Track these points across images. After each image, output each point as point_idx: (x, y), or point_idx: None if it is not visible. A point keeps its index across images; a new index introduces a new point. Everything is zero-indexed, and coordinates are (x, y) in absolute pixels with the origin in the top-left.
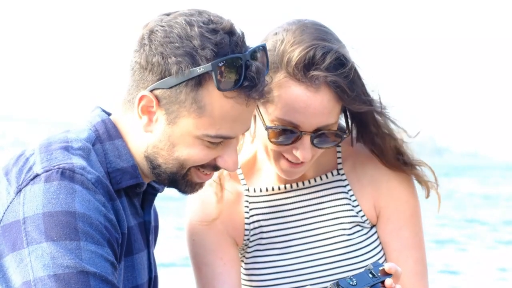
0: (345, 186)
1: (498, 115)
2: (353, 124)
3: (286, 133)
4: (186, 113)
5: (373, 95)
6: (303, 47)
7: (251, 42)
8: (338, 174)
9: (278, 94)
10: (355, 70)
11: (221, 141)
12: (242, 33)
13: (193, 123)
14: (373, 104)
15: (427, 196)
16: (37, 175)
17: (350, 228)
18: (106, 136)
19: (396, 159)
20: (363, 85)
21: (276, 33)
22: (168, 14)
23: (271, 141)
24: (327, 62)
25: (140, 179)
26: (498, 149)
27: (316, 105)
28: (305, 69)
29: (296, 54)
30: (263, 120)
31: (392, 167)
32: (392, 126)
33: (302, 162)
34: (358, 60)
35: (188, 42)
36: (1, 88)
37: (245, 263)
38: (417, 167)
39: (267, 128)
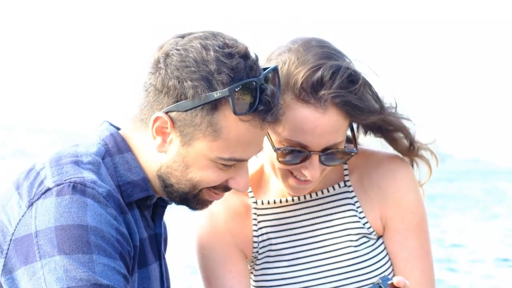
0: (351, 198)
1: (500, 120)
2: (359, 128)
3: (294, 153)
4: (201, 136)
5: (383, 100)
6: (308, 68)
7: (253, 44)
8: (345, 186)
9: (286, 116)
10: (365, 83)
11: (234, 164)
12: (256, 57)
13: (207, 146)
14: (382, 110)
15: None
16: (48, 189)
17: (357, 240)
18: (116, 150)
19: (409, 148)
20: (374, 94)
21: (279, 54)
22: (182, 37)
23: (279, 161)
24: (337, 82)
25: (150, 192)
26: (500, 154)
27: (324, 125)
28: (312, 90)
29: (301, 75)
30: (271, 141)
31: (406, 154)
32: (402, 121)
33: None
34: (365, 70)
35: (204, 66)
36: (1, 97)
37: (255, 275)
38: (423, 151)
39: (275, 150)
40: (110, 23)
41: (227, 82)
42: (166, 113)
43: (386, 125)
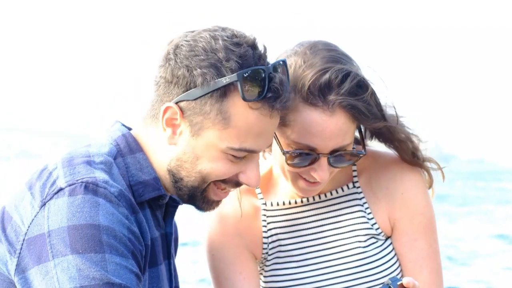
0: (360, 199)
1: (505, 121)
2: (366, 133)
3: (303, 156)
4: (211, 124)
5: (388, 109)
6: (316, 71)
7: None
8: (354, 187)
9: (294, 118)
10: (372, 92)
11: (244, 156)
12: (265, 48)
13: (217, 135)
14: (386, 118)
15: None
16: (61, 189)
17: (365, 241)
18: (127, 150)
19: (412, 157)
20: (378, 104)
21: (286, 57)
22: (192, 31)
23: (288, 164)
24: (346, 87)
25: (162, 191)
26: (505, 155)
27: (332, 128)
28: (320, 93)
29: (308, 78)
30: (280, 144)
31: (410, 163)
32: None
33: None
34: (370, 75)
35: (213, 54)
36: (5, 99)
37: (264, 276)
38: (428, 163)
39: (284, 153)
40: (110, 24)
41: (235, 68)
42: (176, 103)
43: (390, 134)
